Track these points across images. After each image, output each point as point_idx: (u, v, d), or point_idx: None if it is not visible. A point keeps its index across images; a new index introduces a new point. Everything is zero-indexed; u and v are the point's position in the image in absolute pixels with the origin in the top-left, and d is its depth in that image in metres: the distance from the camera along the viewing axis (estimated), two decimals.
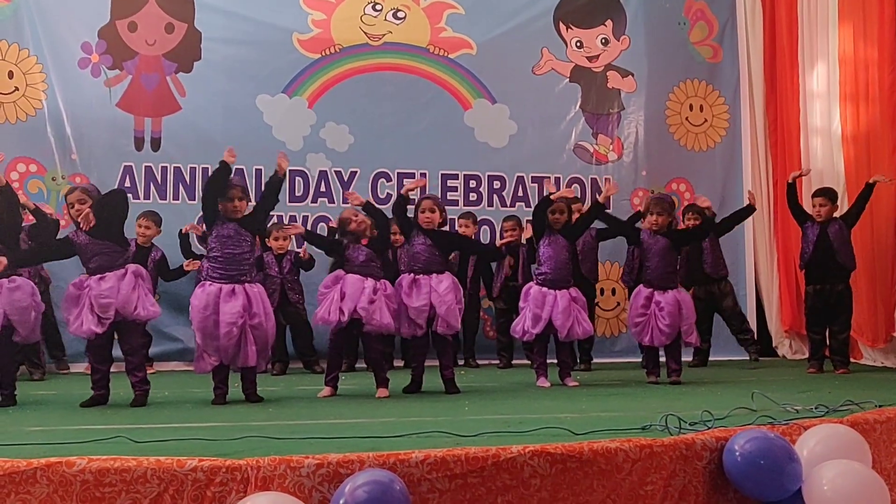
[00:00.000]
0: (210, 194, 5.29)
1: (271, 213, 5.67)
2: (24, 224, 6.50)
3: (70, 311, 5.03)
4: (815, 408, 4.21)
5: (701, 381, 6.39)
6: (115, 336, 5.23)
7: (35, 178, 7.87)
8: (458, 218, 8.10)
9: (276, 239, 7.45)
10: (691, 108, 9.25)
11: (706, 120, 9.28)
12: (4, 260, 5.07)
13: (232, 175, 5.32)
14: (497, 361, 7.97)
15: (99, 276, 5.02)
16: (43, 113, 8.02)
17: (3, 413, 4.83)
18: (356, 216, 5.75)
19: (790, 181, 7.23)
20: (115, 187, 7.53)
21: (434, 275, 5.65)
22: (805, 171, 7.57)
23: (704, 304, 7.69)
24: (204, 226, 5.67)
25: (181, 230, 7.41)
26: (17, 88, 8.00)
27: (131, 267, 5.10)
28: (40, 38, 8.04)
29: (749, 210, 7.21)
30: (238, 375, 5.38)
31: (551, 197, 6.16)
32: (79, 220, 5.07)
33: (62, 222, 7.08)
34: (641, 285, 6.35)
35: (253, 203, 5.54)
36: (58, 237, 6.18)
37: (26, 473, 3.00)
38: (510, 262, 7.90)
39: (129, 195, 7.69)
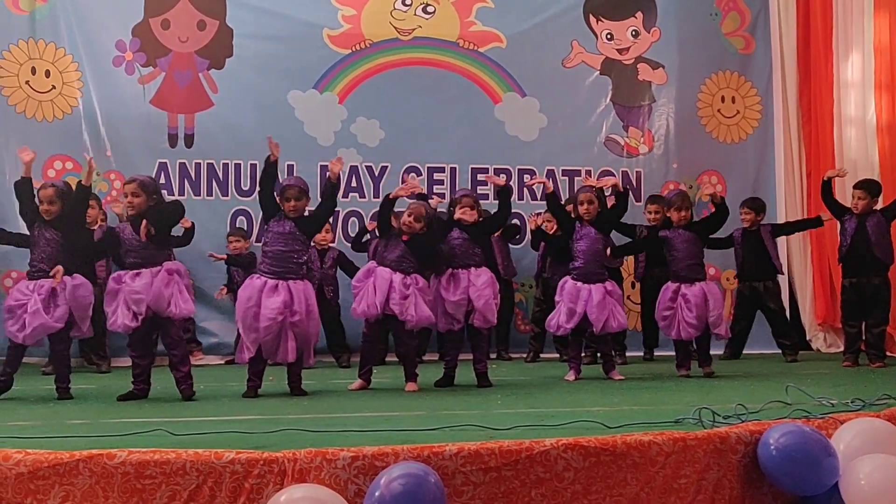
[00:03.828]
0: (263, 189, 5.42)
1: None
2: (102, 224, 7.01)
3: (109, 305, 5.13)
4: (851, 402, 4.18)
5: (734, 374, 6.36)
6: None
7: (71, 175, 7.94)
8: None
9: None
10: (723, 99, 9.16)
11: (738, 111, 9.18)
12: (61, 269, 5.20)
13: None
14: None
15: (134, 272, 5.09)
16: (78, 111, 8.13)
17: (45, 406, 4.93)
18: (418, 221, 5.55)
19: (826, 179, 7.16)
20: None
21: (472, 269, 5.67)
22: (842, 173, 7.46)
23: (748, 300, 7.66)
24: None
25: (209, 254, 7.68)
26: (53, 87, 8.12)
27: (167, 264, 5.15)
28: (76, 37, 8.15)
29: (816, 223, 7.20)
30: (279, 368, 5.46)
31: (532, 183, 6.21)
32: (129, 213, 5.21)
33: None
34: (669, 280, 6.34)
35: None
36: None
37: (69, 465, 3.06)
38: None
39: (164, 191, 7.93)
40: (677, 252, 6.26)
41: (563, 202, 6.95)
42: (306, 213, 5.53)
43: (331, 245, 7.70)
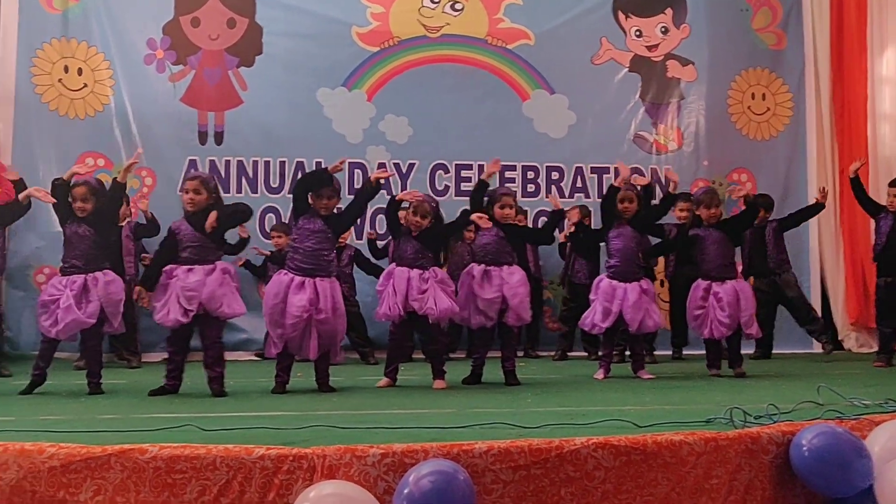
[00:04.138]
0: (303, 188, 5.42)
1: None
2: (130, 220, 6.91)
3: (158, 299, 5.14)
4: (885, 402, 4.11)
5: (765, 374, 6.30)
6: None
7: (103, 171, 8.04)
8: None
9: None
10: (753, 96, 9.09)
11: (769, 108, 9.10)
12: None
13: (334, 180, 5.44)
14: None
15: (188, 267, 5.13)
16: (110, 108, 8.24)
17: (77, 401, 4.98)
18: (424, 217, 5.61)
19: (852, 175, 7.05)
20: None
21: (504, 266, 5.65)
22: (862, 161, 7.36)
23: (768, 296, 7.59)
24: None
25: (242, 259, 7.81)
26: (85, 85, 8.23)
27: (220, 264, 5.21)
28: (108, 36, 8.26)
29: (818, 208, 7.08)
30: (307, 365, 5.49)
31: (614, 184, 6.15)
32: (188, 209, 5.22)
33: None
34: (700, 278, 6.27)
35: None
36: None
37: (101, 459, 3.08)
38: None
39: None
40: (708, 251, 6.19)
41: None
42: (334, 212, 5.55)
43: (347, 243, 7.71)
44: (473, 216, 5.67)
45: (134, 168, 5.55)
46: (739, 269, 7.13)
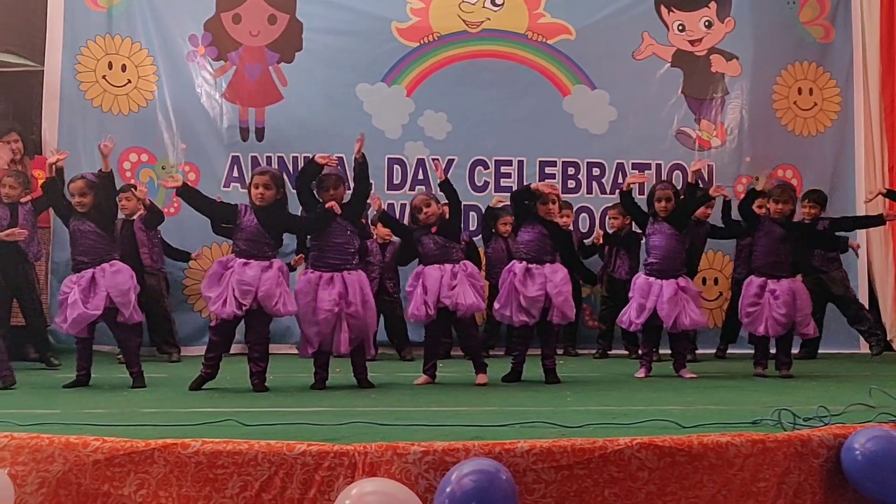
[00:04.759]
0: (302, 183, 5.43)
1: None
2: (141, 213, 6.94)
3: (212, 289, 5.14)
4: None
5: (812, 374, 6.17)
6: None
7: (146, 167, 8.15)
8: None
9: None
10: (800, 91, 8.89)
11: (816, 104, 8.90)
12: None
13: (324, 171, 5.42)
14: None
15: (244, 260, 5.14)
16: (154, 104, 8.30)
17: (119, 395, 5.04)
18: (428, 206, 5.70)
19: (884, 192, 6.94)
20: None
21: (547, 265, 5.61)
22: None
23: (815, 294, 7.41)
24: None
25: None
26: (129, 81, 8.30)
27: (277, 262, 5.22)
28: (151, 33, 8.32)
29: (878, 220, 6.90)
30: (344, 361, 5.48)
31: (623, 189, 6.24)
32: (257, 204, 5.22)
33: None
34: (753, 275, 6.14)
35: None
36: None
37: (144, 454, 3.11)
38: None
39: (238, 184, 8.03)
40: (760, 245, 6.07)
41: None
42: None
43: (392, 239, 7.66)
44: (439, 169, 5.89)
45: (109, 154, 5.48)
46: None
